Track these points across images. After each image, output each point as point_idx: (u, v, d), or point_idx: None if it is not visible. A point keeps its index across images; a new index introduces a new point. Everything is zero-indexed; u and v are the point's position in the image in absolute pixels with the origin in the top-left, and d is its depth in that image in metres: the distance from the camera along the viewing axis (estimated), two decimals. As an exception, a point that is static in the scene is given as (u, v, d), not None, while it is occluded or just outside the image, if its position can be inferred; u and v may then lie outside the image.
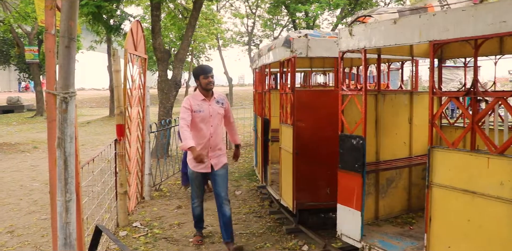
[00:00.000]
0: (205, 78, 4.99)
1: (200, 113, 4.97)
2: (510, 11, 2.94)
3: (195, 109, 4.96)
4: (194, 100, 5.02)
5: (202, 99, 5.05)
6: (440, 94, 3.84)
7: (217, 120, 5.10)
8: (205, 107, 5.02)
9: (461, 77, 18.12)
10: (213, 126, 5.05)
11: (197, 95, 5.08)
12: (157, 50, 11.10)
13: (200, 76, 5.00)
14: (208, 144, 5.03)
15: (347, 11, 20.33)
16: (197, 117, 4.97)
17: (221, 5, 30.91)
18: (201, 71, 5.02)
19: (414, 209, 5.44)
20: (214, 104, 5.09)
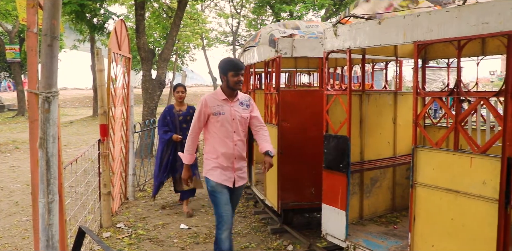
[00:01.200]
0: (235, 76, 4.10)
1: (220, 117, 4.12)
2: (492, 12, 2.97)
3: (213, 111, 4.11)
4: (213, 100, 4.16)
5: (223, 99, 4.17)
6: (424, 94, 3.87)
7: (241, 126, 4.23)
8: (226, 109, 4.15)
9: (444, 77, 18.31)
10: (236, 132, 4.18)
11: (217, 94, 4.21)
12: (141, 50, 11.03)
13: (230, 72, 4.09)
14: (233, 153, 4.18)
15: (331, 11, 20.41)
16: (217, 121, 4.12)
17: (206, 5, 30.89)
18: (231, 67, 4.11)
19: (398, 208, 5.48)
20: (236, 106, 4.22)
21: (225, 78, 4.14)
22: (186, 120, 6.51)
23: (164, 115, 6.56)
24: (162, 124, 6.55)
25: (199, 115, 4.14)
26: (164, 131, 6.50)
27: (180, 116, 6.53)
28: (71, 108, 32.60)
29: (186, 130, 6.30)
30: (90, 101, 29.69)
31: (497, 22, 2.95)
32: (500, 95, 3.05)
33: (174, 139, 6.39)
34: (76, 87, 49.54)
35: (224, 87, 4.20)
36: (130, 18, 21.71)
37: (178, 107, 6.60)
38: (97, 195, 6.05)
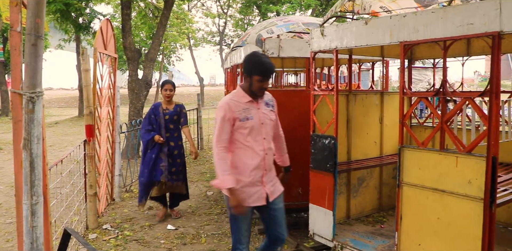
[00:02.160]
0: (261, 82, 3.41)
1: (247, 122, 3.44)
2: (477, 13, 3.00)
3: (240, 116, 3.43)
4: (236, 103, 3.47)
5: (248, 101, 3.50)
6: (410, 94, 3.90)
7: (271, 130, 3.61)
8: (254, 112, 3.49)
9: (430, 77, 18.45)
10: (266, 139, 3.53)
11: (239, 95, 3.51)
12: (127, 50, 10.96)
13: (256, 76, 3.40)
14: (263, 164, 3.51)
15: (318, 11, 20.47)
16: (244, 129, 3.44)
17: (193, 5, 30.82)
18: (259, 71, 3.41)
19: (385, 207, 5.50)
20: (263, 108, 3.58)
21: (248, 80, 3.46)
22: (173, 120, 6.13)
23: (150, 113, 6.14)
24: (146, 123, 6.14)
25: (223, 124, 3.41)
26: (146, 130, 6.08)
27: (166, 116, 6.10)
28: (56, 109, 32.32)
29: (173, 131, 6.12)
30: (76, 102, 29.45)
31: (481, 23, 2.98)
32: (485, 95, 3.07)
33: (155, 140, 5.95)
34: (61, 87, 49.16)
35: (246, 88, 3.50)
36: (116, 18, 21.59)
37: (165, 106, 6.17)
38: (83, 196, 5.99)
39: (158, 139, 5.96)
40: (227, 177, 3.34)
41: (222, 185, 3.36)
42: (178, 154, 6.17)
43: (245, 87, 3.51)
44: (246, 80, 3.47)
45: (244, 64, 3.49)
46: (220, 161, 3.36)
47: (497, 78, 3.00)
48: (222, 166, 3.36)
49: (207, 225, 5.98)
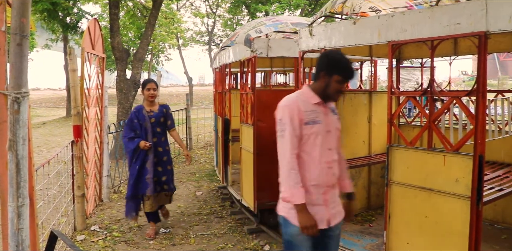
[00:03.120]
0: (341, 83, 2.88)
1: (314, 127, 2.86)
2: (463, 13, 3.02)
3: (307, 119, 2.85)
4: (304, 103, 2.88)
5: (317, 102, 2.91)
6: (398, 94, 3.92)
7: (335, 141, 3.02)
8: (322, 116, 2.91)
9: (418, 77, 18.55)
10: (331, 150, 2.94)
11: (307, 94, 2.94)
12: (115, 49, 10.90)
13: (337, 76, 2.85)
14: (327, 180, 2.91)
15: (307, 11, 20.50)
16: (311, 134, 2.85)
17: (181, 4, 30.70)
18: (342, 71, 2.87)
19: (373, 206, 5.53)
20: (331, 114, 3.02)
21: (325, 80, 2.87)
22: (160, 123, 5.55)
23: (131, 118, 5.51)
24: (128, 129, 5.52)
25: (293, 126, 2.80)
26: (129, 139, 5.46)
27: (152, 118, 5.50)
28: (43, 109, 32.02)
29: (160, 135, 5.58)
30: (64, 102, 29.22)
31: (468, 23, 3.00)
32: (472, 94, 3.10)
33: (141, 146, 5.34)
34: (49, 88, 48.78)
35: (318, 88, 2.91)
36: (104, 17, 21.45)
37: (149, 108, 5.55)
38: (70, 198, 5.95)
39: (144, 145, 5.34)
40: (298, 190, 2.74)
41: (292, 199, 2.74)
42: (167, 160, 5.62)
43: (318, 88, 2.91)
44: (321, 80, 2.88)
45: (322, 61, 2.91)
46: (292, 171, 2.76)
47: (484, 78, 3.03)
48: (294, 177, 2.75)
49: (196, 226, 5.97)
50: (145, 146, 5.34)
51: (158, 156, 5.51)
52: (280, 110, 2.89)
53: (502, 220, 4.93)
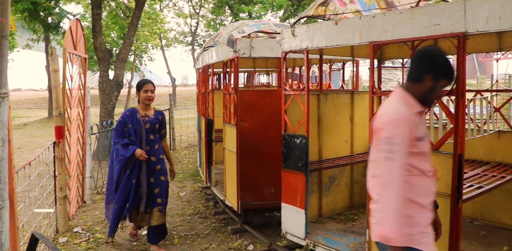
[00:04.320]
0: (443, 88, 2.53)
1: (423, 143, 2.48)
2: (443, 14, 3.07)
3: (421, 133, 2.46)
4: (411, 115, 2.43)
5: (419, 111, 2.50)
6: (380, 93, 3.96)
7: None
8: (425, 129, 2.57)
9: (399, 77, 18.74)
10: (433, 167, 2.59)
11: (410, 103, 2.48)
12: (98, 50, 10.83)
13: (443, 81, 2.46)
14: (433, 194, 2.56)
15: (289, 12, 20.56)
16: (419, 152, 2.44)
17: (164, 5, 30.57)
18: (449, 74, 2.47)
19: (356, 205, 5.57)
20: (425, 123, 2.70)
21: (430, 84, 2.44)
22: (154, 130, 5.00)
23: (124, 122, 4.88)
24: (119, 134, 4.87)
25: (405, 147, 2.33)
26: (123, 145, 4.82)
27: (147, 124, 4.92)
28: (25, 110, 31.59)
29: (154, 142, 5.00)
30: (45, 103, 28.89)
31: (447, 24, 3.06)
32: (452, 94, 3.15)
33: (137, 155, 4.76)
34: (30, 88, 48.19)
35: (420, 93, 2.47)
36: (87, 18, 21.24)
37: (144, 112, 4.97)
38: (52, 199, 5.89)
39: (141, 155, 4.76)
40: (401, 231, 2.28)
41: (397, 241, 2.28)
42: (161, 170, 5.03)
43: (419, 93, 2.48)
44: (424, 83, 2.45)
45: (428, 63, 2.48)
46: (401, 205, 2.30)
47: (463, 78, 3.08)
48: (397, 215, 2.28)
49: (179, 226, 5.96)
50: (141, 156, 4.76)
51: (151, 165, 4.94)
52: (390, 126, 2.35)
53: (481, 217, 5.01)
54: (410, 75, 2.53)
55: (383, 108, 2.49)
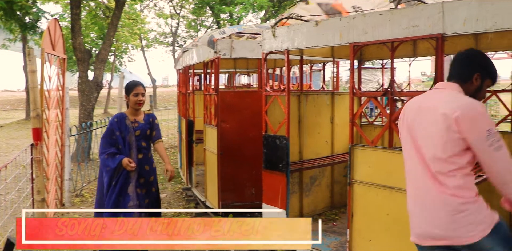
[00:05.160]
0: (486, 88, 2.60)
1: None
2: (422, 16, 3.11)
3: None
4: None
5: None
6: (360, 94, 3.98)
7: None
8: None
9: (379, 78, 18.91)
10: None
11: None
12: (77, 50, 10.69)
13: (489, 80, 2.56)
14: None
15: (270, 13, 20.60)
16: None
17: (145, 5, 30.37)
18: (495, 74, 2.57)
19: (337, 205, 5.60)
20: None
21: (477, 83, 2.54)
22: (146, 136, 4.45)
23: (111, 130, 4.35)
24: (107, 143, 4.34)
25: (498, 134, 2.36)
26: (109, 155, 4.28)
27: (137, 131, 4.37)
28: (1, 112, 31.08)
29: (147, 150, 4.47)
30: (23, 104, 28.44)
31: (426, 25, 3.09)
32: (430, 94, 3.18)
33: (124, 165, 4.20)
34: (7, 89, 47.47)
35: (469, 91, 2.54)
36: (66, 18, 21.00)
37: (133, 117, 4.41)
38: (30, 203, 5.79)
39: (127, 165, 4.19)
40: None
41: None
42: (154, 181, 4.52)
43: (468, 91, 2.54)
44: (473, 82, 2.52)
45: (476, 62, 2.55)
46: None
47: (442, 78, 3.12)
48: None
49: (160, 228, 5.91)
50: (127, 166, 4.19)
51: (145, 175, 4.40)
52: (485, 119, 2.35)
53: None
54: (458, 74, 2.56)
55: (454, 102, 2.40)
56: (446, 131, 2.35)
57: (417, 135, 2.52)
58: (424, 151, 2.47)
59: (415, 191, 2.57)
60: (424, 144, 2.47)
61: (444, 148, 2.37)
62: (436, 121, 2.39)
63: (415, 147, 2.53)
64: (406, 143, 2.60)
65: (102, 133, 6.25)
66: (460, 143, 2.35)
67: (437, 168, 2.41)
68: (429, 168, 2.44)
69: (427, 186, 2.46)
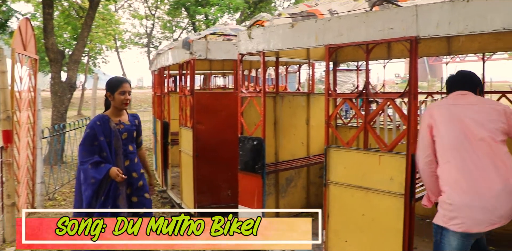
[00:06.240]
0: None
1: None
2: (396, 19, 3.15)
3: None
4: None
5: None
6: (335, 96, 4.00)
7: None
8: None
9: (354, 79, 19.08)
10: None
11: None
12: (49, 51, 10.51)
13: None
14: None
15: (246, 14, 20.61)
16: None
17: (119, 6, 30.07)
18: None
19: (312, 206, 5.62)
20: None
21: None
22: (132, 140, 3.91)
23: (94, 135, 3.67)
24: (87, 151, 3.67)
25: None
26: (93, 164, 3.63)
27: (124, 133, 3.80)
28: (-29, 113, 30.33)
29: (133, 155, 3.90)
30: (-7, 105, 27.80)
31: (400, 28, 3.13)
32: (405, 96, 3.22)
33: (112, 176, 3.59)
34: (-24, 90, 46.25)
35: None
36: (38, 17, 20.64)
37: (117, 118, 3.82)
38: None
39: (117, 175, 3.58)
40: None
41: None
42: (144, 186, 3.93)
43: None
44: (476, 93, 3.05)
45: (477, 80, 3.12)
46: None
47: (415, 80, 3.16)
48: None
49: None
50: (117, 176, 3.58)
51: (133, 183, 3.84)
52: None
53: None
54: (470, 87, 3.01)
55: (489, 101, 3.07)
56: (496, 121, 2.76)
57: (470, 124, 2.80)
58: (481, 135, 2.76)
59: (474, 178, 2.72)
60: (478, 131, 2.77)
61: (495, 133, 2.76)
62: (489, 113, 2.81)
63: (470, 135, 2.78)
64: (455, 134, 2.82)
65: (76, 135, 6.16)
66: (505, 131, 2.78)
67: (495, 149, 2.74)
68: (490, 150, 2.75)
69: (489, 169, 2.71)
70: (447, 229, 2.82)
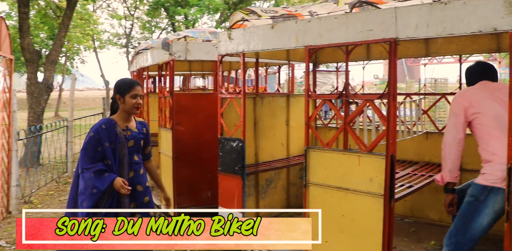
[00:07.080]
0: None
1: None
2: (375, 21, 3.17)
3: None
4: None
5: None
6: (315, 97, 4.02)
7: None
8: None
9: (334, 80, 19.20)
10: None
11: None
12: (25, 51, 10.32)
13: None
14: None
15: (226, 15, 20.58)
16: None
17: (98, 5, 29.74)
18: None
19: (293, 207, 5.63)
20: None
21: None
22: (139, 149, 3.53)
23: (98, 139, 3.31)
24: (90, 157, 3.30)
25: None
26: (95, 172, 3.26)
27: (131, 141, 3.42)
28: None
29: (139, 166, 3.54)
30: (-33, 106, 27.28)
31: (380, 30, 3.15)
32: (384, 97, 3.25)
33: (116, 188, 3.23)
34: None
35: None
36: (13, 17, 20.30)
37: (124, 124, 3.45)
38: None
39: (122, 186, 3.21)
40: None
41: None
42: (150, 203, 3.59)
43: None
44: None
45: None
46: None
47: (394, 82, 3.19)
48: None
49: (114, 233, 5.77)
50: (122, 187, 3.22)
51: (137, 198, 3.48)
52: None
53: (411, 214, 5.22)
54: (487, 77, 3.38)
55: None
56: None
57: (502, 104, 3.01)
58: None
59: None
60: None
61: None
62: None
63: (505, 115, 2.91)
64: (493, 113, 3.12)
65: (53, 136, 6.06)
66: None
67: None
68: None
69: None
70: (498, 188, 2.98)
